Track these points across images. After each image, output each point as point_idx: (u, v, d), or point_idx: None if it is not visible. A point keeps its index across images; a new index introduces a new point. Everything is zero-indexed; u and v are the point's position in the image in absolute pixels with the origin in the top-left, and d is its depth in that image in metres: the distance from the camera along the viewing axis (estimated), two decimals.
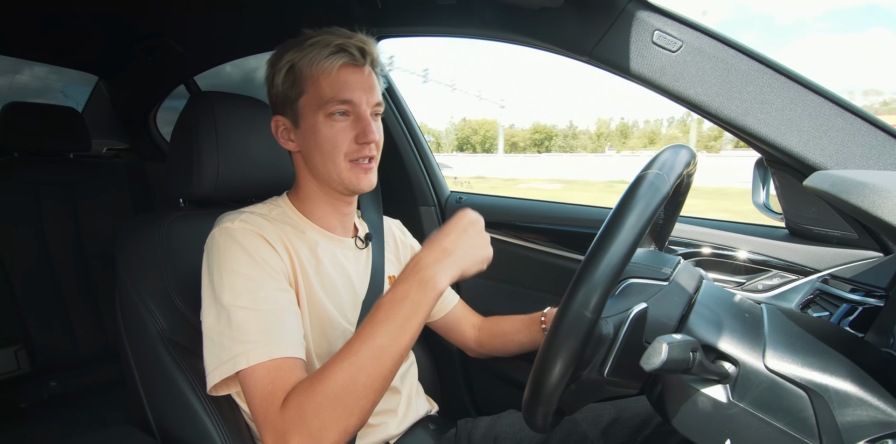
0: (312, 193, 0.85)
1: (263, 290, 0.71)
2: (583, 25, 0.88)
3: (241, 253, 0.72)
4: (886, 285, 0.74)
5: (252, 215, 0.78)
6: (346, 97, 0.77)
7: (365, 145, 0.79)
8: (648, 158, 0.57)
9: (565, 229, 1.26)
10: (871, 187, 0.46)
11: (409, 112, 1.43)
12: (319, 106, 0.77)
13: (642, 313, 0.53)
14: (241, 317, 0.68)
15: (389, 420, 0.90)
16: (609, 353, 0.53)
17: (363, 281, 0.89)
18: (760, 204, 0.97)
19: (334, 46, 0.76)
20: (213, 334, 0.69)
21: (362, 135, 0.78)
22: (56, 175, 1.78)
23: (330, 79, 0.76)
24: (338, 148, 0.78)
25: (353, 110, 0.78)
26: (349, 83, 0.77)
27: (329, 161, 0.79)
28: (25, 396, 1.72)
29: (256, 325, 0.68)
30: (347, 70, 0.77)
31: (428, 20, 1.14)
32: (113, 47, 1.69)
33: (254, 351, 0.66)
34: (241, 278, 0.71)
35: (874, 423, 0.44)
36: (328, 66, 0.76)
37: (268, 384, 0.65)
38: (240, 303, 0.69)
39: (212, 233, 0.77)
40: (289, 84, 0.78)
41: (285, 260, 0.77)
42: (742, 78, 0.80)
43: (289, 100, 0.80)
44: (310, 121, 0.78)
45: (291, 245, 0.79)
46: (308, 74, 0.77)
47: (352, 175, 0.80)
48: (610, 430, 0.85)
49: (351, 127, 0.78)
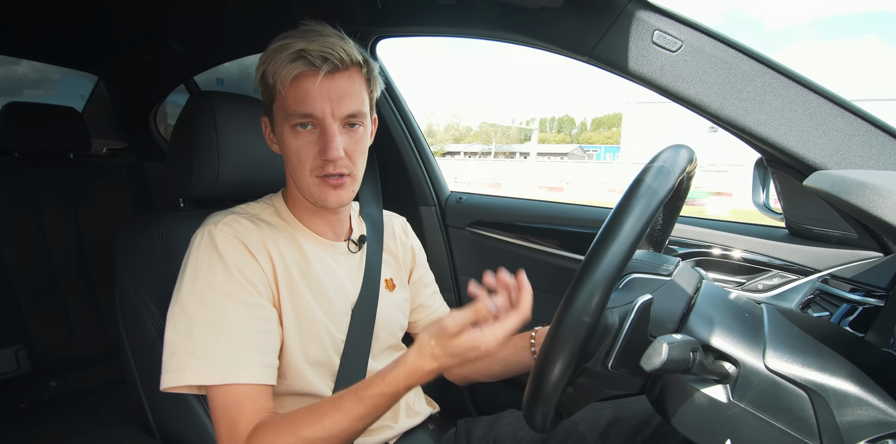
0: (297, 197, 0.83)
1: (234, 306, 0.70)
2: (583, 25, 0.88)
3: (218, 263, 0.71)
4: (886, 285, 0.74)
5: (239, 217, 0.77)
6: (307, 111, 0.71)
7: (328, 162, 0.73)
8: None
9: (565, 229, 1.26)
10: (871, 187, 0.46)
11: (409, 112, 1.42)
12: (284, 117, 0.73)
13: (647, 303, 0.53)
14: (202, 331, 0.68)
15: (387, 425, 0.89)
16: (613, 345, 0.52)
17: (356, 286, 0.87)
18: (760, 204, 0.97)
19: (293, 53, 0.69)
20: (170, 337, 0.70)
21: (324, 151, 0.72)
22: (56, 175, 1.78)
23: (293, 89, 0.71)
24: (302, 163, 0.74)
25: (317, 123, 0.73)
26: (311, 94, 0.71)
27: (297, 174, 0.76)
28: (25, 396, 1.72)
29: (218, 344, 0.68)
30: (307, 79, 0.70)
31: (428, 20, 1.14)
32: (113, 47, 1.69)
33: (208, 370, 0.67)
34: (214, 292, 0.70)
35: (874, 423, 0.44)
36: (285, 75, 0.70)
37: (232, 412, 0.66)
38: (206, 318, 0.69)
39: (196, 233, 0.76)
40: (262, 88, 0.76)
41: (266, 268, 0.75)
42: (742, 78, 0.80)
43: (266, 104, 0.78)
44: (279, 129, 0.76)
45: (277, 250, 0.77)
46: (273, 82, 0.72)
47: (319, 191, 0.76)
48: (610, 430, 0.85)
49: (315, 141, 0.73)
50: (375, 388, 0.65)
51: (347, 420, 0.65)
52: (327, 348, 0.81)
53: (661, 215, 0.75)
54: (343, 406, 0.66)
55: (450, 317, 0.62)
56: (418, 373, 0.64)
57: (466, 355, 0.62)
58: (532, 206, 1.36)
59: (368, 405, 0.65)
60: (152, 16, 1.42)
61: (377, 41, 1.29)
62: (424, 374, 0.65)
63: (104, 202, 1.86)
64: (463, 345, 0.61)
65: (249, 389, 0.68)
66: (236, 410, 0.66)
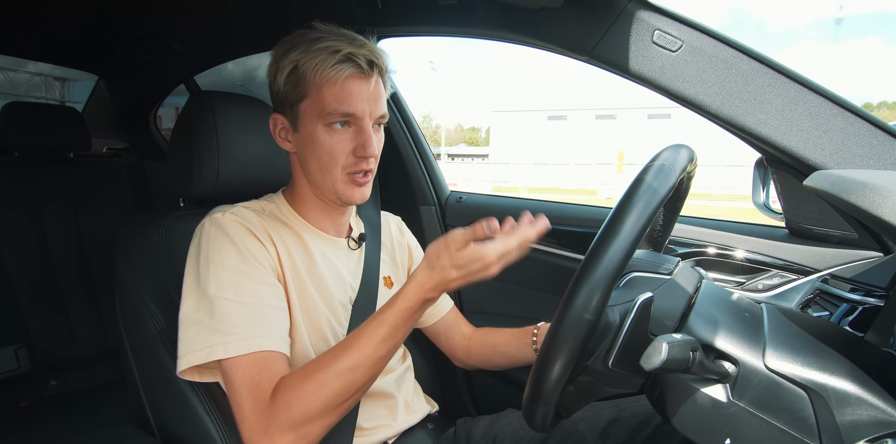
0: (306, 195, 0.84)
1: (250, 284, 0.72)
2: (583, 25, 0.88)
3: (229, 245, 0.73)
4: (886, 285, 0.74)
5: (243, 209, 0.79)
6: (350, 110, 0.74)
7: (363, 159, 0.77)
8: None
9: (565, 229, 1.26)
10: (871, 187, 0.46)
11: (410, 112, 1.43)
12: (320, 115, 0.75)
13: (648, 302, 0.53)
14: (224, 308, 0.69)
15: (386, 424, 0.89)
16: (614, 343, 0.52)
17: (356, 282, 0.89)
18: (760, 204, 0.98)
19: (343, 55, 0.72)
20: (190, 321, 0.71)
21: (361, 148, 0.75)
22: (56, 175, 1.78)
23: (335, 89, 0.73)
24: (335, 160, 0.76)
25: (354, 122, 0.76)
26: (354, 95, 0.74)
27: (325, 171, 0.78)
28: (25, 395, 1.72)
29: (240, 317, 0.69)
30: (354, 81, 0.74)
31: (428, 20, 1.14)
32: (113, 47, 1.69)
33: (234, 343, 0.68)
34: (228, 270, 0.71)
35: (874, 422, 0.44)
36: (334, 76, 0.72)
37: (255, 375, 0.67)
38: (225, 295, 0.70)
39: (202, 223, 0.77)
40: (291, 85, 0.76)
41: (272, 254, 0.77)
42: (742, 78, 0.80)
43: (289, 101, 0.77)
44: (309, 127, 0.77)
45: (281, 241, 0.79)
46: (312, 81, 0.74)
47: (346, 188, 0.78)
48: (610, 430, 0.85)
49: (351, 139, 0.76)
50: (391, 307, 0.68)
51: (372, 345, 0.67)
52: (329, 341, 0.82)
53: (662, 215, 0.75)
54: (365, 333, 0.68)
55: (454, 232, 0.66)
56: (428, 285, 0.67)
57: (469, 267, 0.64)
58: (532, 206, 1.37)
59: (389, 325, 0.67)
60: (152, 16, 1.42)
61: (377, 41, 1.29)
62: (433, 286, 0.67)
63: (104, 202, 1.86)
64: (466, 256, 0.64)
65: (272, 354, 0.69)
66: (258, 373, 0.67)
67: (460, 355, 1.05)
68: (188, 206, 0.98)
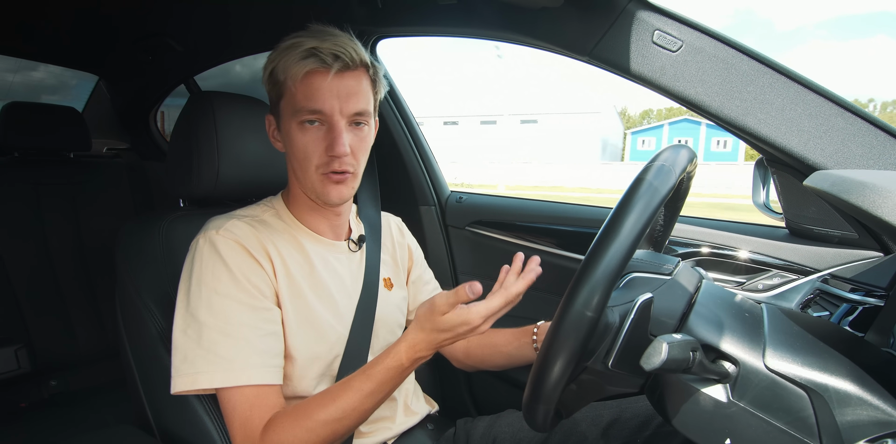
0: (300, 197, 0.84)
1: (240, 312, 0.72)
2: (583, 25, 0.88)
3: (222, 268, 0.73)
4: (886, 285, 0.74)
5: (238, 221, 0.78)
6: (316, 107, 0.73)
7: (335, 158, 0.75)
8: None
9: (565, 229, 1.26)
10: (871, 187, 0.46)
11: (410, 112, 1.43)
12: (293, 113, 0.75)
13: (648, 302, 0.53)
14: (212, 337, 0.70)
15: (386, 426, 0.89)
16: (614, 343, 0.52)
17: (357, 284, 0.89)
18: (760, 204, 0.98)
19: (305, 51, 0.72)
20: (178, 344, 0.72)
21: (330, 147, 0.74)
22: (56, 175, 1.78)
23: (301, 85, 0.73)
24: (309, 159, 0.76)
25: (325, 119, 0.74)
26: (320, 90, 0.73)
27: (302, 170, 0.78)
28: (25, 395, 1.72)
29: (227, 348, 0.70)
30: (317, 76, 0.72)
31: (428, 20, 1.14)
32: (113, 47, 1.68)
33: (220, 373, 0.69)
34: (220, 295, 0.72)
35: (874, 422, 0.44)
36: (296, 72, 0.72)
37: (245, 410, 0.69)
38: (214, 323, 0.71)
39: (196, 239, 0.77)
40: (271, 86, 0.77)
41: (268, 271, 0.76)
42: (742, 78, 0.80)
43: (273, 101, 0.79)
44: (286, 126, 0.77)
45: (277, 252, 0.78)
46: (282, 79, 0.74)
47: (322, 187, 0.77)
48: (610, 430, 0.85)
49: (323, 137, 0.75)
50: (380, 364, 0.70)
51: (358, 398, 0.69)
52: (330, 348, 0.82)
53: (662, 215, 0.75)
54: (353, 386, 0.70)
55: (438, 296, 0.67)
56: (418, 346, 0.69)
57: (457, 330, 0.66)
58: (532, 206, 1.37)
59: (376, 380, 0.69)
60: (152, 16, 1.42)
61: (377, 41, 1.29)
62: (424, 347, 0.69)
63: (104, 202, 1.86)
64: (452, 321, 0.66)
65: (260, 389, 0.70)
66: (248, 408, 0.69)
67: (460, 356, 1.05)
68: (188, 206, 0.98)
